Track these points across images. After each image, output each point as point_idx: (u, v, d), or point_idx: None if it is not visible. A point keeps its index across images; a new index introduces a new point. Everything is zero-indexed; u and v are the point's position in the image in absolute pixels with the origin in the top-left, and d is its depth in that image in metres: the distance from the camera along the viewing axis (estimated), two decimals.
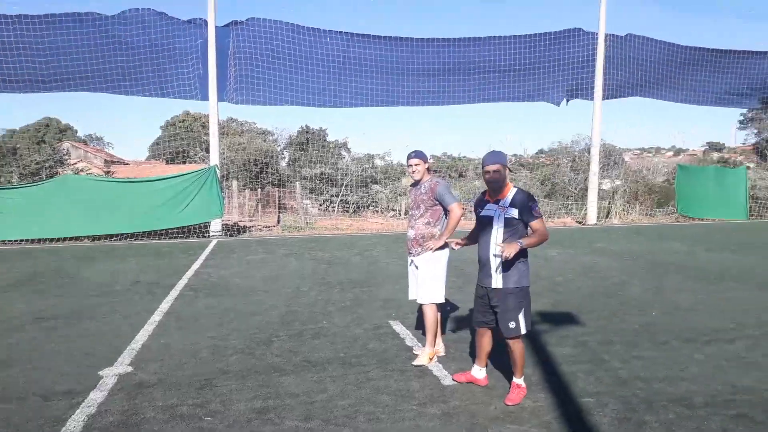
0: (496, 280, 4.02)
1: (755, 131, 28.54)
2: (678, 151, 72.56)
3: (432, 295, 4.89)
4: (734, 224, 19.35)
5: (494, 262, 4.01)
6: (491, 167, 4.02)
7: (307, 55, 18.05)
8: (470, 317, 6.48)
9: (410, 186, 5.19)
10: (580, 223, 20.72)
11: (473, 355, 5.09)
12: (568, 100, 20.24)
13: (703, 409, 3.88)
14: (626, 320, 6.29)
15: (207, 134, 17.86)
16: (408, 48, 18.85)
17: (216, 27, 16.49)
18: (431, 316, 4.93)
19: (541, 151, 39.41)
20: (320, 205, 27.38)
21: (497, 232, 4.01)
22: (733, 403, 3.98)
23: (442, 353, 5.10)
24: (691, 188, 20.91)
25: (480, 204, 4.21)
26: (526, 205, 3.98)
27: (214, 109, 16.74)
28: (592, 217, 20.00)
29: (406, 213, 27.54)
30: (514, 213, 3.97)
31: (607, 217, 21.81)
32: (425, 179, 4.97)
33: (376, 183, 28.75)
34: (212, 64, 16.39)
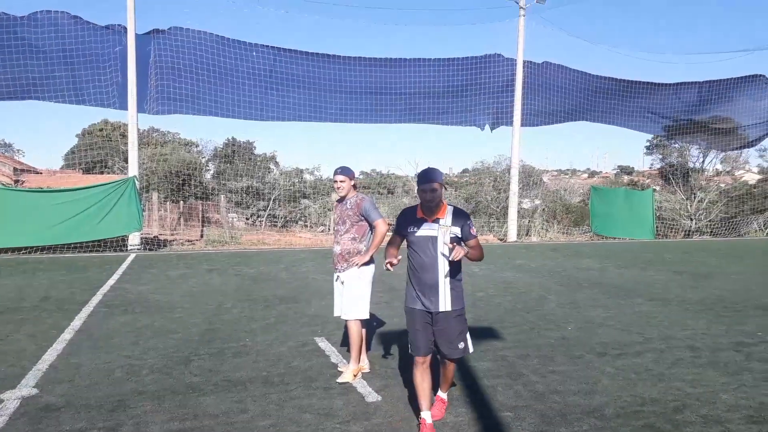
0: (445, 303, 3.82)
1: (660, 156, 30.66)
2: (592, 173, 76.57)
3: (357, 312, 4.92)
4: (642, 243, 20.58)
5: (443, 285, 3.81)
6: (428, 186, 3.79)
7: (232, 67, 17.80)
8: (398, 333, 6.54)
9: (336, 201, 5.21)
10: (501, 240, 21.39)
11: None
12: (492, 128, 20.96)
13: (614, 420, 4.08)
14: (543, 335, 6.53)
15: (127, 144, 17.17)
16: (336, 65, 18.97)
17: (136, 34, 15.96)
18: (356, 333, 4.94)
19: (465, 171, 40.51)
20: (247, 219, 26.86)
21: (443, 255, 3.81)
22: (641, 413, 4.21)
23: (366, 369, 5.10)
24: (604, 208, 22.10)
25: (413, 222, 3.91)
26: (466, 223, 3.87)
27: (133, 119, 16.16)
28: (512, 235, 20.70)
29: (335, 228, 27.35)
30: (457, 232, 3.82)
31: (527, 234, 22.65)
32: (351, 195, 5.03)
33: (306, 197, 28.55)
34: (132, 72, 15.84)
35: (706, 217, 26.07)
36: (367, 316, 4.99)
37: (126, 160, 18.12)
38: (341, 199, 5.08)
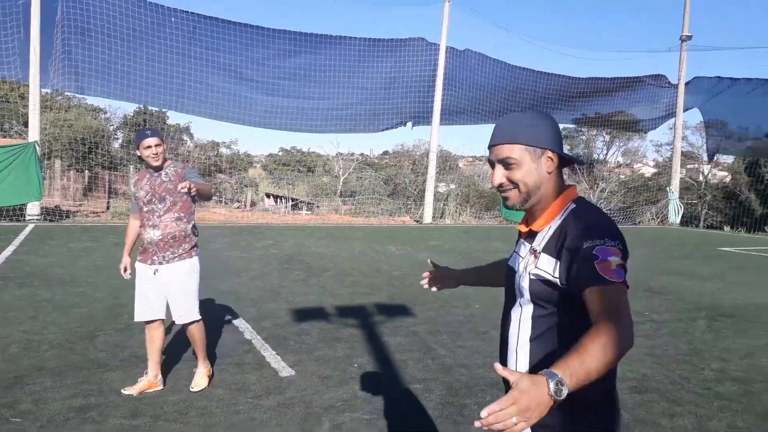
0: None
1: (568, 148, 32.29)
2: None
3: (195, 311, 4.19)
4: None
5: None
6: (500, 152, 1.71)
7: (148, 36, 16.84)
8: (312, 309, 6.58)
9: (138, 177, 4.10)
10: (417, 221, 21.83)
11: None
12: (414, 125, 21.37)
13: None
14: (452, 312, 6.80)
15: (26, 107, 15.97)
16: (259, 38, 18.42)
17: None
18: (201, 333, 4.22)
19: (386, 153, 40.81)
20: None
21: (519, 314, 1.78)
22: None
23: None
24: None
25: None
26: (590, 243, 1.54)
27: (35, 79, 15.04)
28: (428, 217, 21.17)
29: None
30: (547, 268, 1.65)
31: (441, 217, 23.22)
32: (166, 164, 4.07)
33: (221, 172, 27.75)
34: (35, 27, 14.68)
35: (606, 206, 27.79)
36: (199, 315, 4.23)
37: (26, 125, 16.89)
38: (154, 170, 4.02)
